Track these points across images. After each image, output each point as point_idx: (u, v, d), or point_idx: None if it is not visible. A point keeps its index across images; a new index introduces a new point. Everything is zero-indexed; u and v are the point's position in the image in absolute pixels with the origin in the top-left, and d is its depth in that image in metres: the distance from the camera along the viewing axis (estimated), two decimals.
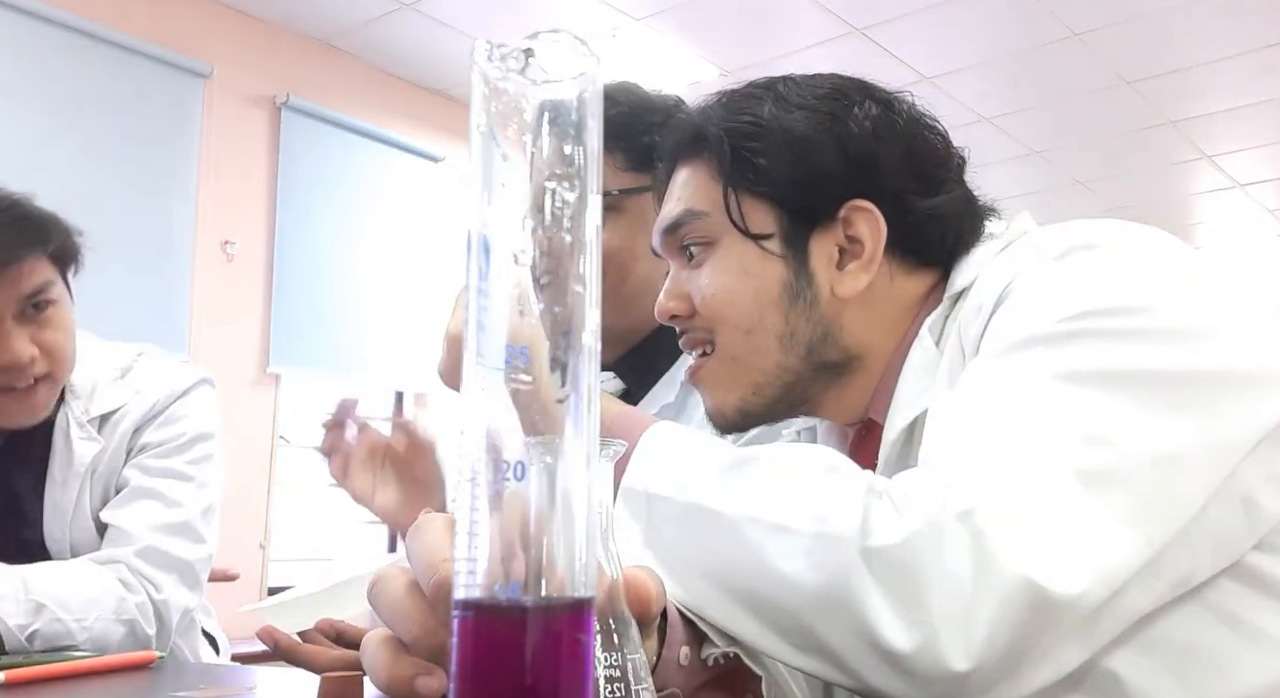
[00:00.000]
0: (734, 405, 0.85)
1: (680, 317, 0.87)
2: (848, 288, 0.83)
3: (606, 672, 0.46)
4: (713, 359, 0.85)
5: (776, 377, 0.83)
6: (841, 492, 0.60)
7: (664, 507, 0.64)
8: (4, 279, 1.27)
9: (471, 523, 0.33)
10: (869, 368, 0.85)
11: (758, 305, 0.83)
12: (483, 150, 0.34)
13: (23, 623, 1.16)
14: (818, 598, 0.57)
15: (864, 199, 0.82)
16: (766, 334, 0.83)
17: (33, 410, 1.34)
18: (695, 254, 0.86)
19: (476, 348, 0.33)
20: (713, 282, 0.84)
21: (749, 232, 0.83)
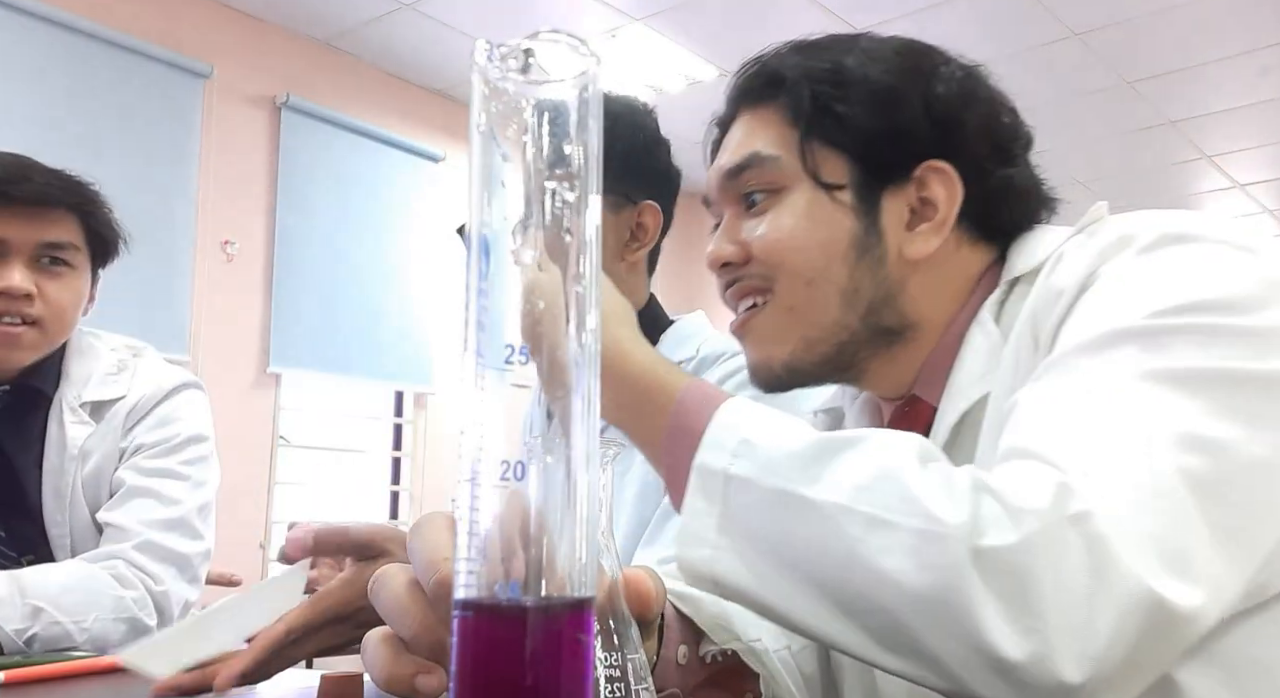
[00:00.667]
0: (782, 360, 0.82)
1: (733, 265, 0.83)
2: (917, 249, 0.80)
3: (607, 672, 0.46)
4: (767, 309, 0.82)
5: (832, 333, 0.80)
6: (946, 485, 0.56)
7: (745, 490, 0.60)
8: (30, 218, 1.34)
9: (471, 523, 0.33)
10: (921, 339, 0.82)
11: (824, 256, 0.79)
12: (483, 150, 0.34)
13: (20, 627, 1.16)
14: (921, 599, 0.54)
15: (942, 161, 0.80)
16: (829, 287, 0.80)
17: (10, 349, 1.36)
18: (758, 201, 0.83)
19: (476, 348, 0.33)
20: (778, 227, 0.81)
21: (822, 180, 0.80)
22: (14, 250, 1.34)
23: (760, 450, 0.60)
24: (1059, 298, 0.70)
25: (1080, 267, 0.70)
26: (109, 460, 1.40)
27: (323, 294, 4.12)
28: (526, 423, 0.33)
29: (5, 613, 1.16)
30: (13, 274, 1.33)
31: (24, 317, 1.35)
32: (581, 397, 0.34)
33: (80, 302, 1.43)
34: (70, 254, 1.39)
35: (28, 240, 1.35)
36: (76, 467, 1.38)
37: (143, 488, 1.37)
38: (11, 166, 1.35)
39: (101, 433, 1.41)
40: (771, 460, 0.60)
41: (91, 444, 1.40)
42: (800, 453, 0.60)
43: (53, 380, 1.43)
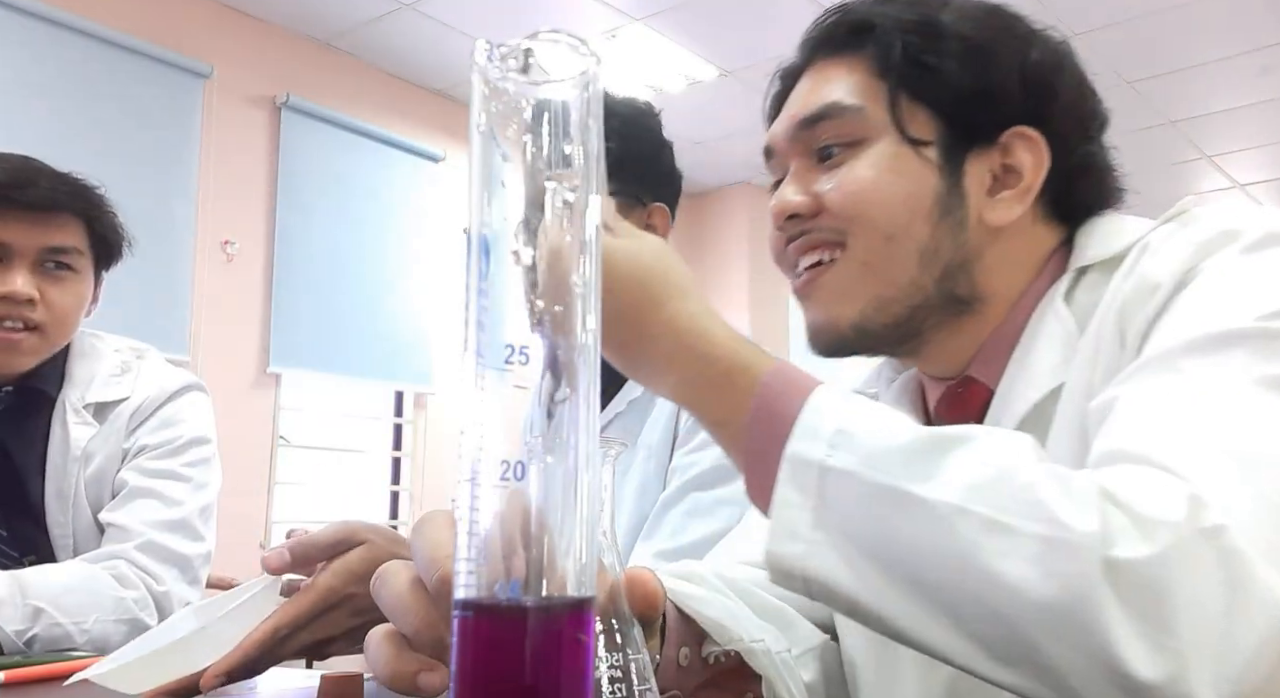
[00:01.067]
0: (851, 320, 0.78)
1: (800, 217, 0.80)
2: (999, 216, 0.78)
3: (610, 672, 0.46)
4: (839, 265, 0.78)
5: (906, 294, 0.77)
6: (1069, 489, 0.52)
7: (845, 483, 0.56)
8: (34, 222, 1.35)
9: (471, 523, 0.33)
10: (987, 315, 0.79)
11: (907, 211, 0.76)
12: (483, 150, 0.34)
13: (20, 628, 1.17)
14: (1045, 609, 0.50)
15: (1030, 128, 0.78)
16: (909, 244, 0.76)
17: (10, 355, 1.36)
18: (835, 154, 0.79)
19: (476, 348, 0.33)
20: (859, 179, 0.77)
21: (909, 135, 0.77)
22: (17, 254, 1.35)
23: (861, 442, 0.56)
24: (1153, 292, 0.67)
25: (1176, 260, 0.67)
26: (112, 461, 1.41)
27: (323, 294, 4.12)
28: (527, 423, 0.33)
29: (6, 614, 1.16)
30: (15, 279, 1.33)
31: (25, 321, 1.35)
32: (582, 396, 0.34)
33: (82, 305, 1.43)
34: (74, 258, 1.40)
35: (31, 245, 1.35)
36: (79, 468, 1.39)
37: (145, 489, 1.38)
38: (17, 170, 1.35)
39: (105, 434, 1.41)
40: (875, 454, 0.56)
41: (95, 445, 1.40)
42: (907, 447, 0.56)
43: (56, 382, 1.43)
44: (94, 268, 1.44)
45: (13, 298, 1.33)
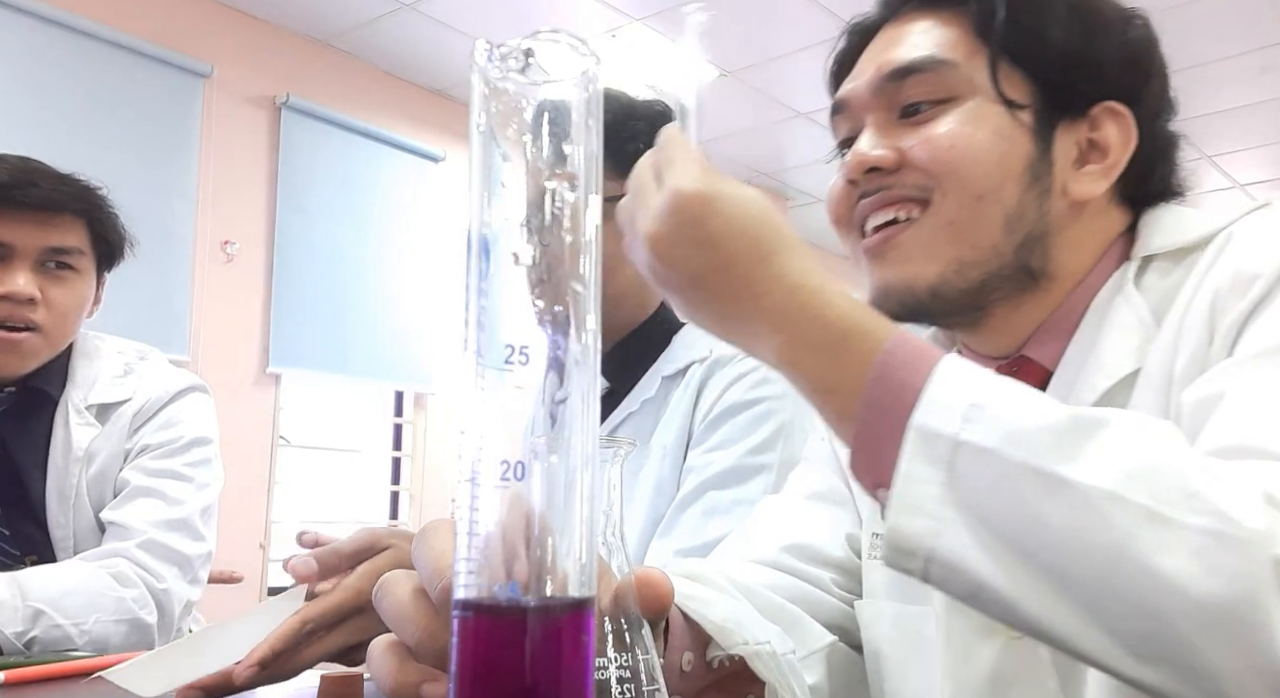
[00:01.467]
0: (929, 281, 0.74)
1: (880, 172, 0.77)
2: (1084, 189, 0.76)
3: (618, 672, 0.46)
4: (921, 223, 0.75)
5: (986, 259, 0.74)
6: (1228, 484, 0.50)
7: (982, 460, 0.52)
8: (37, 223, 1.35)
9: (471, 523, 0.33)
10: (1052, 292, 0.77)
11: (1000, 172, 0.74)
12: (483, 150, 0.34)
13: (20, 630, 1.17)
14: (1205, 607, 0.48)
15: (1120, 103, 0.76)
16: (997, 207, 0.74)
17: (12, 356, 1.37)
18: (923, 110, 0.76)
19: (476, 348, 0.33)
20: (954, 134, 0.74)
21: (1005, 96, 0.75)
22: (19, 255, 1.35)
23: (999, 417, 0.53)
24: (1250, 284, 0.65)
25: (1275, 253, 0.66)
26: (114, 461, 1.41)
27: (323, 294, 4.11)
28: (529, 423, 0.33)
29: (6, 616, 1.16)
30: (16, 278, 1.34)
31: (27, 322, 1.36)
32: (582, 396, 0.34)
33: (84, 305, 1.44)
34: (75, 258, 1.40)
35: (33, 245, 1.36)
36: (81, 468, 1.39)
37: (147, 488, 1.38)
38: (19, 171, 1.36)
39: (107, 434, 1.42)
40: (1017, 431, 0.52)
41: (97, 446, 1.41)
42: (1052, 426, 0.52)
43: (58, 382, 1.43)
44: (96, 268, 1.45)
45: (14, 297, 1.34)
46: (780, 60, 4.31)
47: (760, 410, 1.18)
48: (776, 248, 0.60)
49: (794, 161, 5.47)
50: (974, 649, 0.71)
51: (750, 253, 0.60)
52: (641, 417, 1.24)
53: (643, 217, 0.63)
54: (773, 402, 1.18)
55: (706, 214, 0.60)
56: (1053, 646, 0.53)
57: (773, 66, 4.38)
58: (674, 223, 0.61)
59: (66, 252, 1.39)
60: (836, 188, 0.82)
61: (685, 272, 0.61)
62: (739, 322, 0.61)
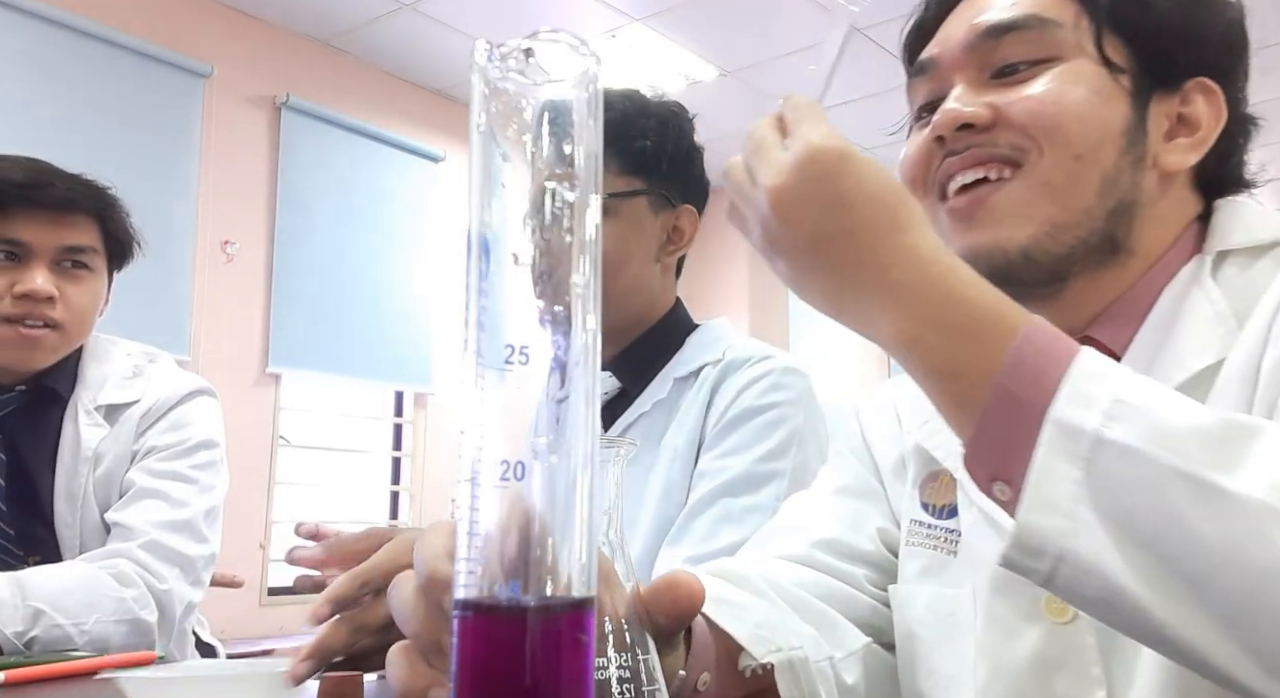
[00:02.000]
0: (1021, 243, 0.72)
1: (973, 128, 0.74)
2: (1175, 160, 0.74)
3: (618, 672, 0.46)
4: (1015, 183, 0.72)
5: (1079, 222, 0.72)
6: None
7: (1127, 461, 0.49)
8: (52, 222, 1.38)
9: (471, 523, 0.33)
10: (1129, 270, 0.74)
11: (1100, 132, 0.72)
12: (483, 150, 0.34)
13: (20, 630, 1.17)
14: None
15: (1212, 79, 0.75)
16: (1095, 168, 0.71)
17: (32, 352, 1.39)
18: (1021, 70, 0.74)
19: (476, 348, 0.33)
20: (1058, 91, 0.72)
21: (1108, 58, 0.73)
22: (36, 254, 1.37)
23: (1146, 416, 0.50)
24: None
25: None
26: (121, 462, 1.42)
27: (323, 294, 4.12)
28: (529, 423, 0.33)
29: (6, 616, 1.16)
30: (35, 277, 1.36)
31: (46, 320, 1.38)
32: (582, 396, 0.34)
33: (99, 304, 1.47)
34: (90, 257, 1.43)
35: (49, 244, 1.38)
36: (89, 468, 1.40)
37: (152, 489, 1.39)
38: (33, 172, 1.38)
39: (115, 435, 1.43)
40: (1164, 431, 0.49)
41: (105, 446, 1.42)
42: (1203, 429, 0.49)
43: (68, 382, 1.45)
44: (107, 268, 1.47)
45: (34, 296, 1.36)
46: (780, 60, 4.31)
47: (772, 416, 1.17)
48: (907, 220, 0.57)
49: None
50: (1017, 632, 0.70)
51: (881, 220, 0.56)
52: (653, 418, 1.24)
53: (766, 170, 0.58)
54: (785, 407, 1.18)
55: (840, 172, 0.57)
56: (1174, 655, 0.52)
57: (772, 66, 4.38)
58: (802, 176, 0.57)
59: (81, 251, 1.41)
60: (917, 146, 0.78)
61: (807, 231, 0.57)
62: (857, 292, 0.57)
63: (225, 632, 2.35)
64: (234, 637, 3.31)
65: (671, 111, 1.28)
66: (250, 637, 3.55)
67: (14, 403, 1.42)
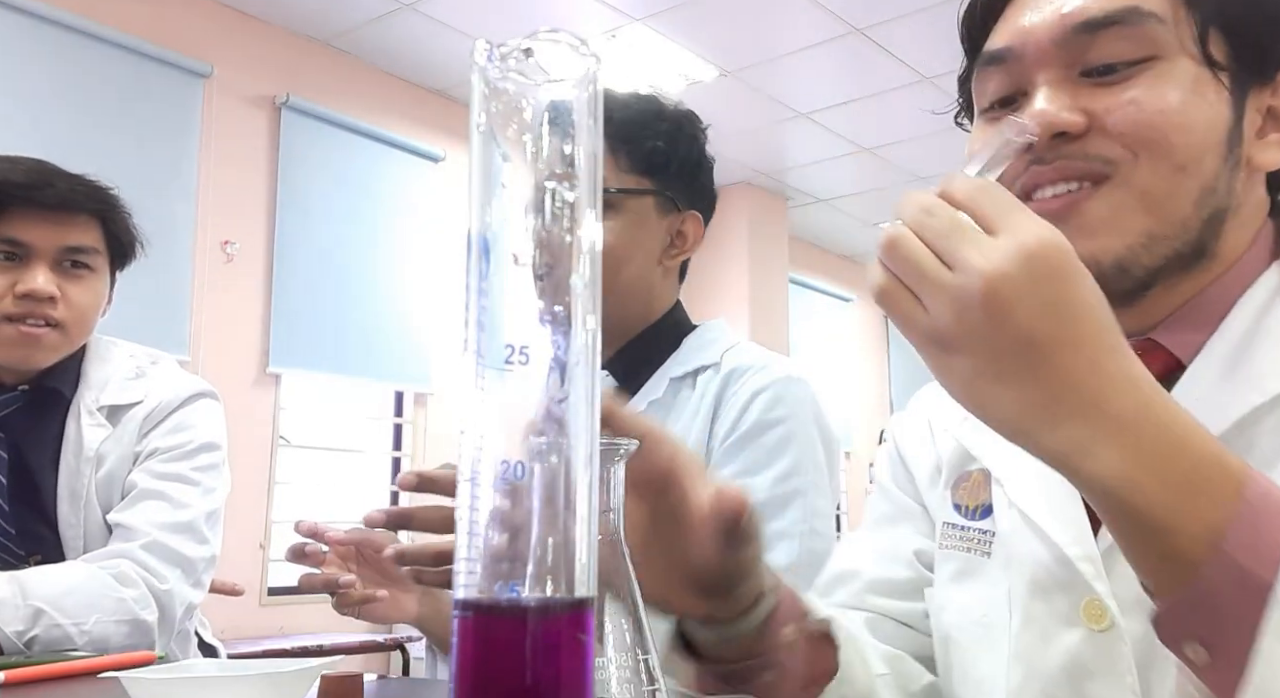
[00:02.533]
0: (1116, 254, 0.67)
1: (1067, 136, 0.68)
2: (1268, 158, 0.69)
3: (618, 673, 0.46)
4: (1110, 191, 0.67)
5: (1175, 233, 0.67)
6: None
7: None
8: (54, 223, 1.38)
9: (471, 523, 0.33)
10: (1207, 275, 0.70)
11: (1204, 141, 0.67)
12: (483, 150, 0.34)
13: (20, 629, 1.17)
14: None
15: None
16: (1196, 180, 0.67)
17: (33, 351, 1.39)
18: (1117, 70, 0.68)
19: (476, 348, 0.33)
20: (1162, 98, 0.66)
21: (1211, 56, 0.67)
22: (38, 254, 1.38)
23: None
24: None
25: None
26: (123, 463, 1.42)
27: (323, 294, 4.12)
28: (529, 423, 0.33)
29: (6, 615, 1.17)
30: (37, 277, 1.36)
31: (47, 319, 1.38)
32: (582, 396, 0.34)
33: (100, 304, 1.47)
34: (91, 258, 1.43)
35: (51, 244, 1.38)
36: (91, 469, 1.40)
37: (154, 491, 1.39)
38: (35, 172, 1.39)
39: (117, 436, 1.43)
40: None
41: (107, 447, 1.42)
42: None
43: (71, 383, 1.45)
44: (109, 268, 1.47)
45: (35, 295, 1.36)
46: (780, 60, 4.31)
47: (781, 432, 1.16)
48: (1122, 340, 0.51)
49: (794, 162, 5.48)
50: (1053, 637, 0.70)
51: (1105, 338, 0.50)
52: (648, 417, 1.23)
53: (976, 255, 0.50)
54: (792, 422, 1.17)
55: (1071, 274, 0.51)
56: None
57: (773, 66, 4.38)
58: (1030, 271, 0.49)
59: (83, 251, 1.42)
60: (998, 147, 0.71)
61: (1022, 333, 0.49)
62: (1066, 415, 0.49)
63: (225, 632, 2.35)
64: (234, 637, 3.31)
65: (686, 118, 1.29)
66: (250, 637, 3.55)
67: (16, 402, 1.42)
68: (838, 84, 4.54)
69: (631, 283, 1.23)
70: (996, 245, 0.50)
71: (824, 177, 5.66)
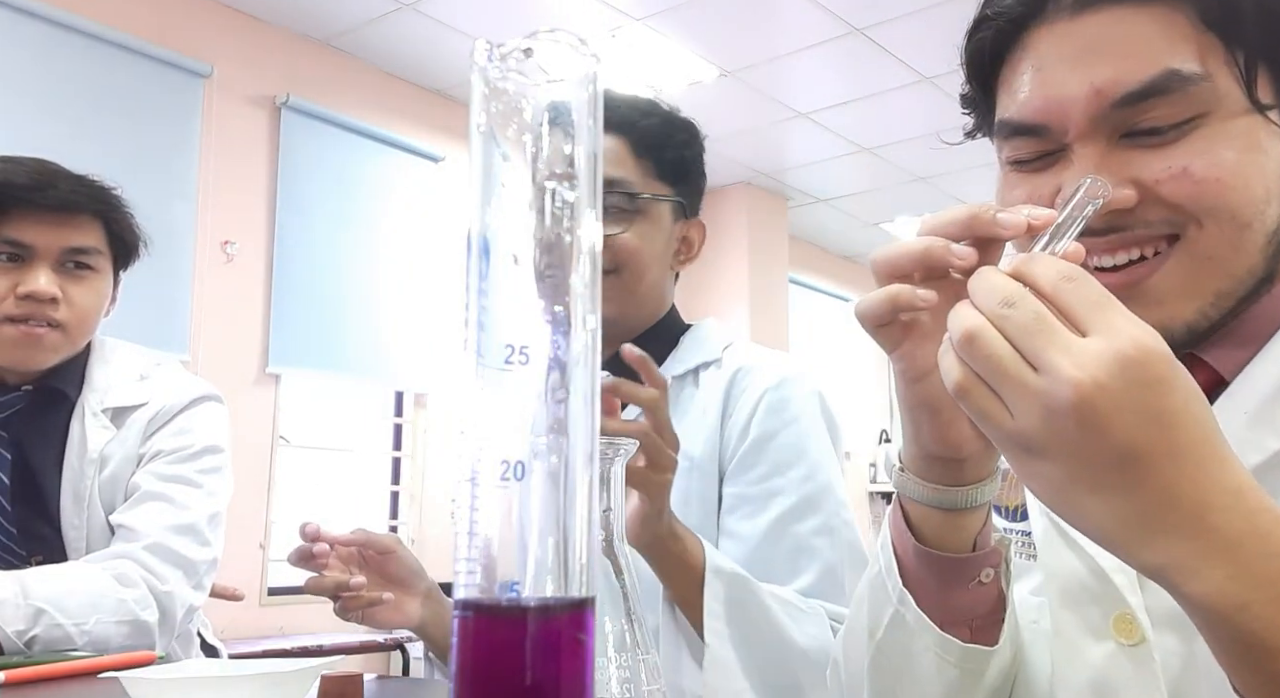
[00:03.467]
0: (1186, 320, 0.65)
1: (1123, 210, 0.65)
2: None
3: (618, 672, 0.46)
4: (1175, 260, 0.65)
5: (1242, 285, 0.65)
6: None
7: None
8: (55, 224, 1.38)
9: (471, 523, 0.33)
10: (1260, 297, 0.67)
11: (1264, 193, 0.64)
12: (483, 150, 0.34)
13: (21, 629, 1.17)
14: None
15: None
16: (1260, 231, 0.64)
17: (34, 351, 1.39)
18: (1165, 132, 0.64)
19: (476, 348, 0.33)
20: (1219, 163, 0.63)
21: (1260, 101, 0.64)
22: (39, 255, 1.38)
23: None
24: None
25: None
26: (127, 465, 1.43)
27: (323, 294, 4.11)
28: (529, 423, 0.33)
29: (7, 615, 1.17)
30: (38, 278, 1.36)
31: (49, 320, 1.38)
32: (582, 396, 0.34)
33: (103, 304, 1.47)
34: (94, 258, 1.43)
35: (53, 245, 1.38)
36: (95, 471, 1.40)
37: (157, 493, 1.39)
38: (36, 173, 1.39)
39: (121, 438, 1.43)
40: None
41: (111, 449, 1.42)
42: None
43: (75, 384, 1.45)
44: (112, 268, 1.47)
45: (36, 297, 1.36)
46: (780, 60, 4.31)
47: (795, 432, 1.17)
48: (1228, 450, 0.48)
49: (793, 162, 5.47)
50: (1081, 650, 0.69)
51: (1205, 447, 0.47)
52: None
53: (1067, 360, 0.47)
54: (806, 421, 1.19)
55: (1173, 381, 0.47)
56: None
57: (773, 66, 4.38)
58: (1128, 379, 0.46)
59: (85, 252, 1.42)
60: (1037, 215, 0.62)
61: (1120, 444, 0.46)
62: (1170, 528, 0.46)
63: (225, 632, 2.35)
64: (234, 637, 3.31)
65: (695, 130, 1.32)
66: (250, 637, 3.55)
67: (20, 403, 1.42)
68: (838, 84, 4.53)
69: (653, 286, 1.26)
70: (1088, 349, 0.47)
71: (824, 176, 5.66)
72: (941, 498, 0.64)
